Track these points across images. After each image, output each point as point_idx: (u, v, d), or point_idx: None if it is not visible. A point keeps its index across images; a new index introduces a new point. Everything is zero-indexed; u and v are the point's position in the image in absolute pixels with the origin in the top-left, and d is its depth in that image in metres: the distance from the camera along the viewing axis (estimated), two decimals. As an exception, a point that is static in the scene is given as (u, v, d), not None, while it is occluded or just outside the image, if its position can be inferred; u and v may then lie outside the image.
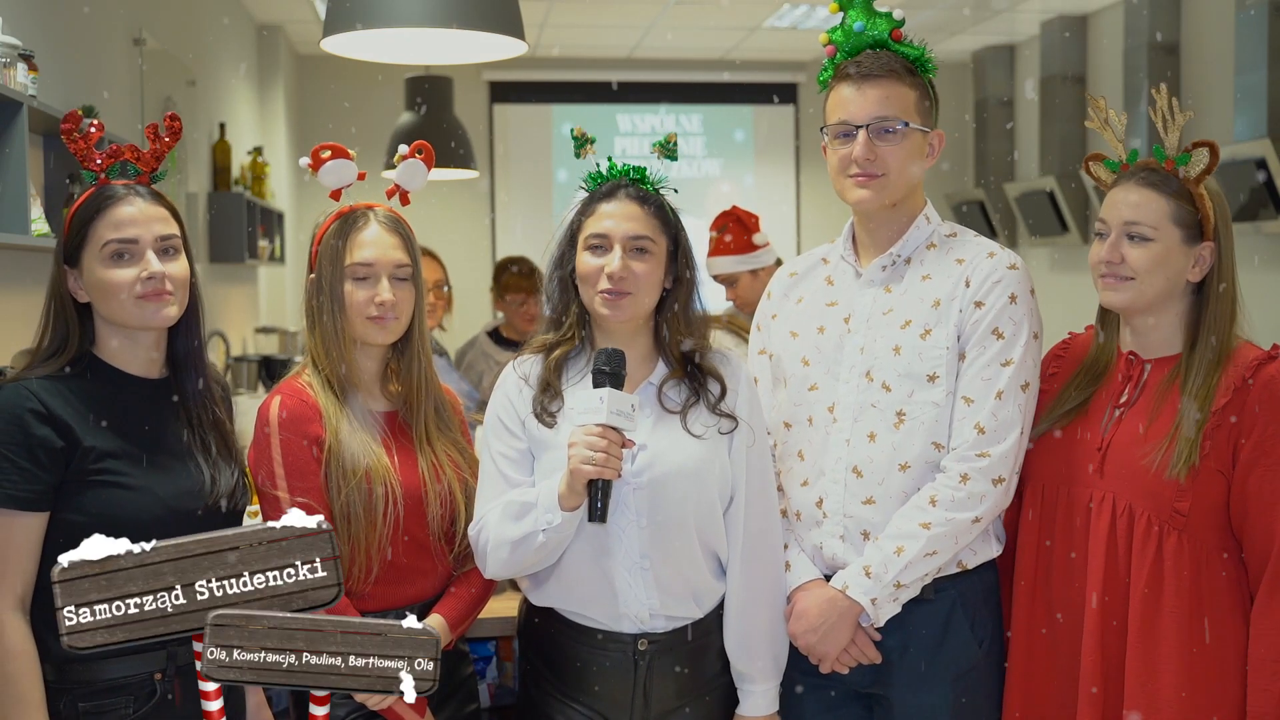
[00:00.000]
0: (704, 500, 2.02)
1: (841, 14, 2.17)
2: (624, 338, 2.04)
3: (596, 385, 1.91)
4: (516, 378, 2.09)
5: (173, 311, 1.91)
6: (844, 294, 2.20)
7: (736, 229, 4.02)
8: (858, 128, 2.09)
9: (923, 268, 2.14)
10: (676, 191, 2.09)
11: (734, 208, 4.12)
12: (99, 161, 1.91)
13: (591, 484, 1.88)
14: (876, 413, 2.09)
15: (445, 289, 4.22)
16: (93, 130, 1.92)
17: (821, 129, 2.17)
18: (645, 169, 2.07)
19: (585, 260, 2.02)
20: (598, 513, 1.89)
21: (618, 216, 2.01)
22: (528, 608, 2.15)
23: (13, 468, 1.78)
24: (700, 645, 2.07)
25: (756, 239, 4.01)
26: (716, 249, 4.03)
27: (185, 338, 1.98)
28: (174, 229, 1.92)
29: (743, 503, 2.06)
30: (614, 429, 1.87)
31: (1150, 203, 1.99)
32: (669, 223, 2.05)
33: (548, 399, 2.04)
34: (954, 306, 2.08)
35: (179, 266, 1.91)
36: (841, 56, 2.16)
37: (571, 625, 2.06)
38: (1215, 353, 1.97)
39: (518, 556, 1.97)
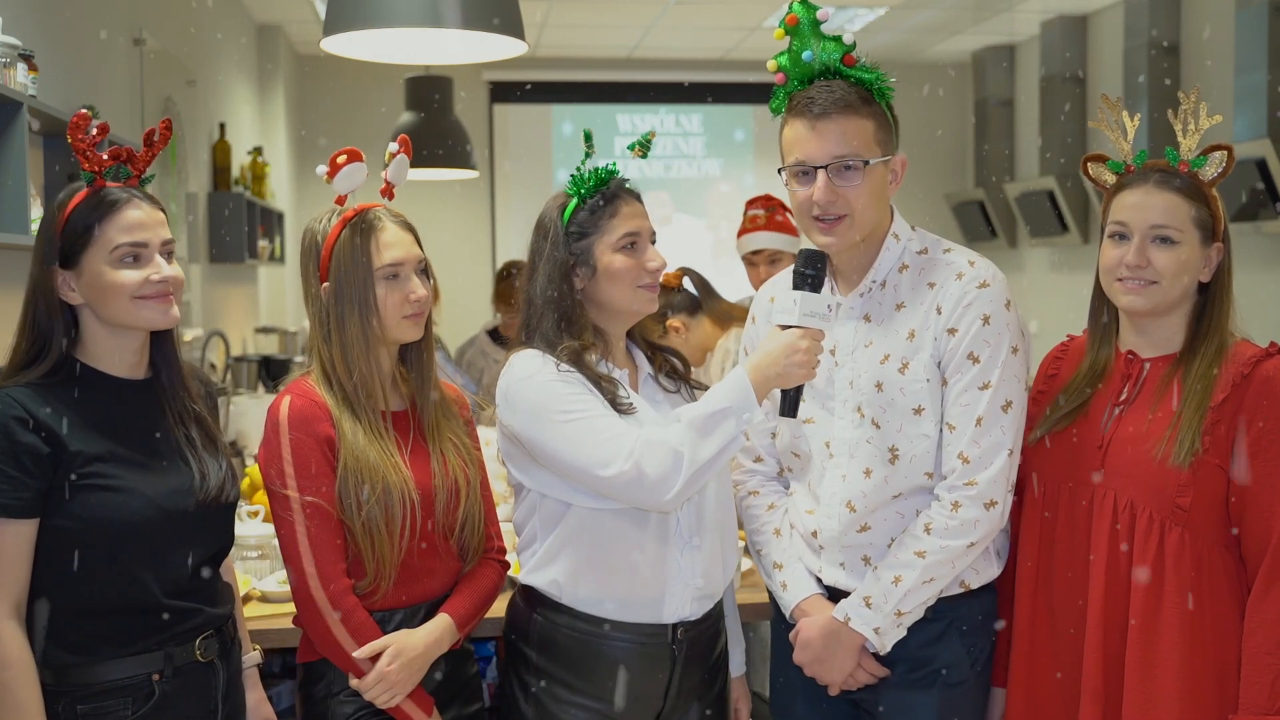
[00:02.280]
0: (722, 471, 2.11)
1: (787, 39, 2.07)
2: (619, 336, 2.15)
3: (796, 287, 1.98)
4: (555, 364, 2.04)
5: (177, 313, 1.92)
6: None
7: (785, 211, 3.97)
8: (816, 169, 2.01)
9: (897, 294, 2.09)
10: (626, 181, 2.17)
11: (770, 195, 4.07)
12: (100, 161, 1.90)
13: None
14: (871, 449, 2.07)
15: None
16: (96, 132, 1.91)
17: (780, 170, 2.09)
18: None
19: (620, 258, 2.07)
20: (789, 408, 2.01)
21: (641, 214, 2.11)
22: (529, 607, 2.14)
23: (0, 476, 1.78)
24: (716, 628, 2.17)
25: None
26: (769, 225, 3.91)
27: (166, 338, 1.98)
28: (170, 234, 1.93)
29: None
30: (814, 329, 1.97)
31: (1175, 206, 1.99)
32: None
33: (612, 389, 2.05)
34: (928, 335, 2.04)
35: (177, 270, 1.92)
36: (793, 84, 2.08)
37: (599, 621, 2.06)
38: (1216, 349, 1.99)
39: (712, 470, 1.97)
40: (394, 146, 2.18)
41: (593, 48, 8.19)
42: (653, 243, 2.13)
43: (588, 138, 2.12)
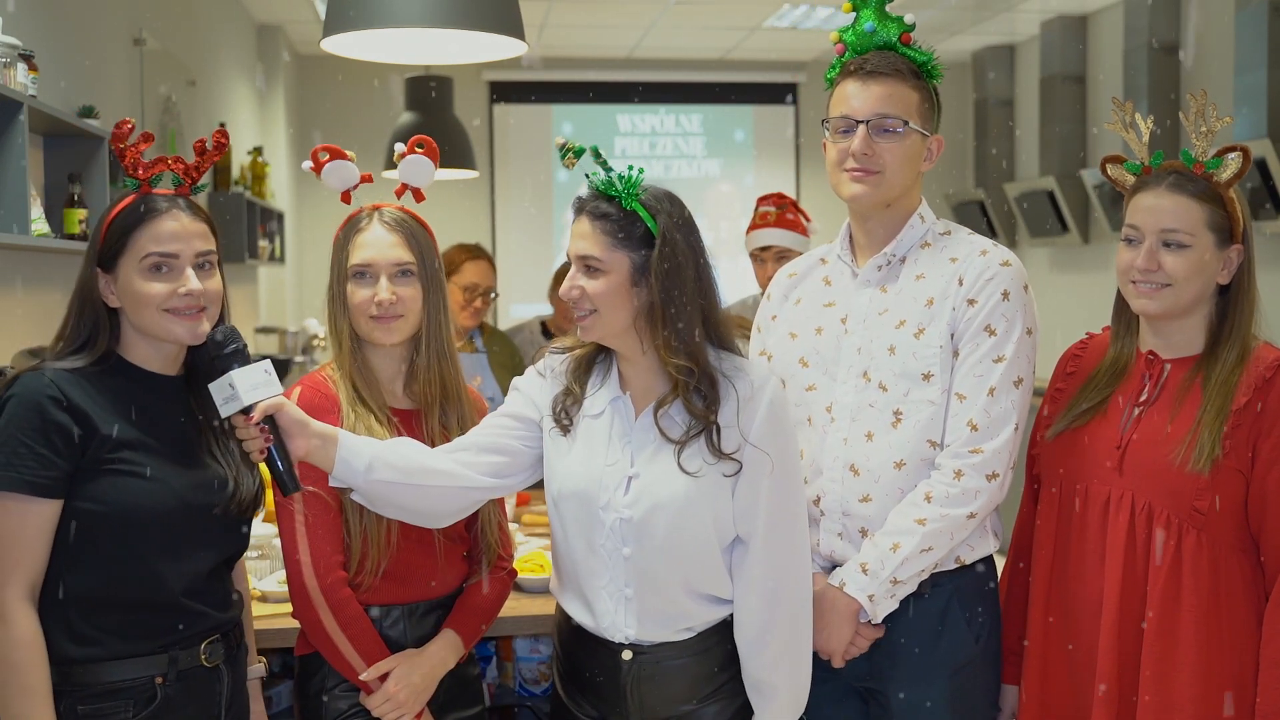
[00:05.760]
0: (692, 539, 1.94)
1: (854, 14, 2.19)
2: (625, 354, 1.99)
3: (223, 372, 1.85)
4: (539, 371, 2.09)
5: (206, 328, 1.90)
6: (841, 294, 2.20)
7: (797, 212, 3.98)
8: (858, 123, 2.10)
9: (917, 267, 2.15)
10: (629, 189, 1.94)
11: (783, 193, 4.08)
12: (146, 168, 1.90)
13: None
14: (874, 412, 2.10)
15: (492, 295, 4.12)
16: (140, 140, 1.90)
17: (823, 123, 2.18)
18: (612, 179, 1.93)
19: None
20: (280, 484, 1.87)
21: (575, 236, 1.96)
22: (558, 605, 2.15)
23: (29, 453, 1.77)
24: (695, 656, 2.00)
25: (810, 228, 3.97)
26: (779, 222, 3.90)
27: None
28: (212, 244, 1.92)
29: (760, 539, 1.95)
30: (238, 413, 1.83)
31: (1187, 209, 1.98)
32: (632, 238, 1.92)
33: (567, 405, 2.02)
34: (947, 305, 2.09)
35: (215, 282, 1.91)
36: (850, 55, 2.17)
37: (574, 625, 2.06)
38: (1238, 353, 1.97)
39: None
40: (400, 148, 2.18)
41: (593, 48, 8.19)
42: (590, 270, 1.95)
43: (561, 152, 2.00)
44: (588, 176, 1.97)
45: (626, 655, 1.98)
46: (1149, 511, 1.97)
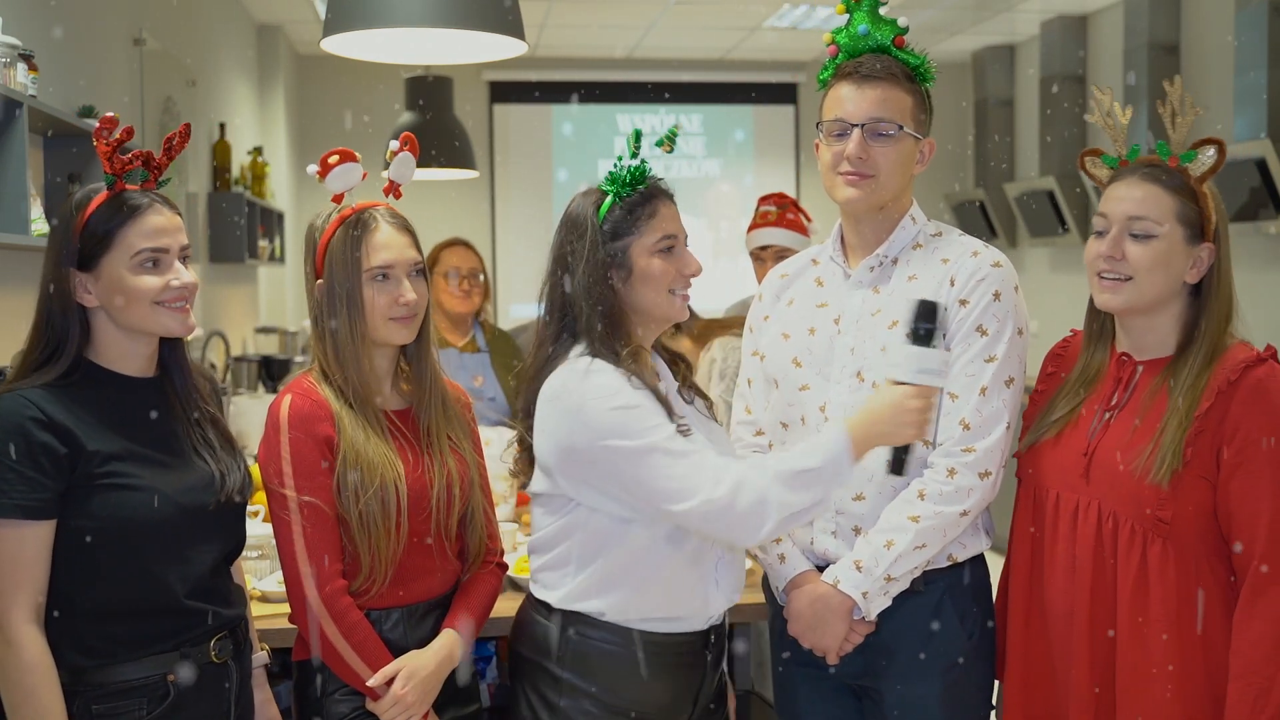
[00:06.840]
0: None
1: (847, 16, 2.19)
2: (650, 340, 2.10)
3: (917, 342, 1.94)
4: (627, 378, 1.96)
5: (193, 322, 1.92)
6: (833, 295, 2.21)
7: (798, 211, 3.99)
8: (853, 126, 2.10)
9: (909, 268, 2.16)
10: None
11: (784, 193, 4.09)
12: (122, 164, 1.89)
13: None
14: None
15: (480, 278, 4.14)
16: (120, 135, 1.90)
17: (817, 125, 2.18)
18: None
19: (658, 262, 2.00)
20: (897, 466, 1.98)
21: (677, 217, 2.06)
22: (555, 623, 2.02)
23: (18, 478, 1.76)
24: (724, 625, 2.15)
25: (811, 228, 3.98)
26: (780, 221, 3.91)
27: (174, 339, 1.98)
28: (187, 239, 1.94)
29: None
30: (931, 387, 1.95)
31: (1155, 198, 1.95)
32: None
33: (668, 409, 1.97)
34: None
35: (193, 275, 1.93)
36: (843, 57, 2.17)
37: (641, 636, 2.00)
38: (1206, 355, 1.93)
39: (802, 519, 1.97)
40: (394, 144, 2.18)
41: (593, 48, 8.19)
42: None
43: (637, 136, 2.05)
44: (616, 163, 2.02)
45: (714, 637, 2.08)
46: (1114, 520, 1.94)
